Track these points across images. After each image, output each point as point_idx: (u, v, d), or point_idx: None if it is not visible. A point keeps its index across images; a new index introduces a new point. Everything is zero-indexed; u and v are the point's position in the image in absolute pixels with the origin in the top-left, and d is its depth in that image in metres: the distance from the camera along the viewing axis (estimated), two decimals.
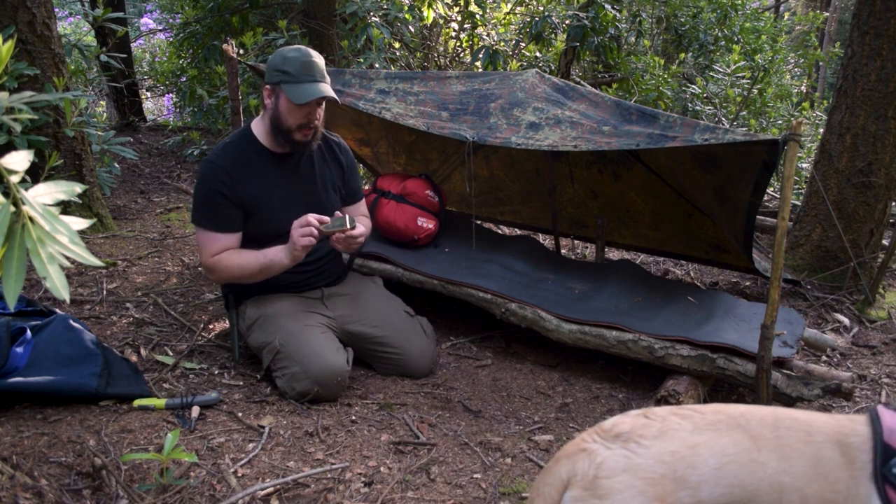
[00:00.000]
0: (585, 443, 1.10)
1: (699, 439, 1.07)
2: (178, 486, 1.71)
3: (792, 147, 2.11)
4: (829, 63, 10.43)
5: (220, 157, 2.32)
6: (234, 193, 2.29)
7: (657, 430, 1.08)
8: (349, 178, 2.58)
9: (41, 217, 0.86)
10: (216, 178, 2.28)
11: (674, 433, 1.08)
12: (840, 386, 2.23)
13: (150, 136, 6.58)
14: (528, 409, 2.39)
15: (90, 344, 2.18)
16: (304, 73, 2.21)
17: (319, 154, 2.48)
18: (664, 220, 3.42)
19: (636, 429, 1.09)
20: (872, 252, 3.60)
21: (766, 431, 1.08)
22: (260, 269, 2.28)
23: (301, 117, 2.25)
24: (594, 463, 1.06)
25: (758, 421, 1.10)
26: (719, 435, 1.08)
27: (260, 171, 2.34)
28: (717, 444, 1.06)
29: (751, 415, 1.11)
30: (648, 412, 1.13)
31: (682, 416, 1.11)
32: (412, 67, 6.07)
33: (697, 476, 1.04)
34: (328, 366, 2.22)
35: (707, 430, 1.08)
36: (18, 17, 3.25)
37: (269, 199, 2.34)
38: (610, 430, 1.10)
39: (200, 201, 2.30)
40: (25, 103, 0.98)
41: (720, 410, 1.12)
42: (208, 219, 2.29)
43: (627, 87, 6.09)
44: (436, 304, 3.11)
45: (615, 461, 1.05)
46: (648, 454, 1.05)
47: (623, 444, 1.07)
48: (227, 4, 5.56)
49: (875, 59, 3.42)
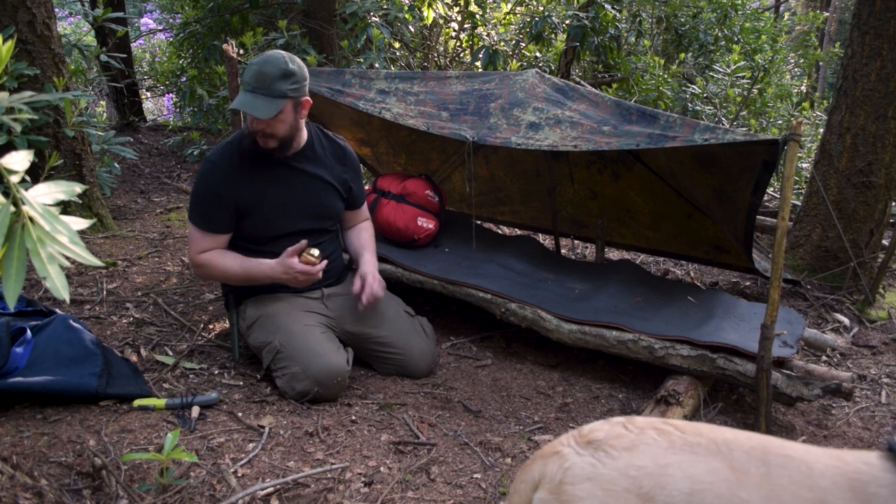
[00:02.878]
0: (561, 445, 1.09)
1: (672, 459, 1.01)
2: (178, 486, 1.71)
3: (792, 147, 2.11)
4: (829, 63, 10.43)
5: (218, 156, 2.34)
6: (231, 194, 2.30)
7: (629, 442, 1.04)
8: (353, 184, 2.57)
9: (41, 217, 0.86)
10: (213, 178, 2.30)
11: (646, 447, 1.03)
12: (840, 386, 2.24)
13: (150, 136, 6.59)
14: (528, 409, 2.39)
15: (90, 344, 2.18)
16: (248, 80, 2.20)
17: (323, 156, 2.47)
18: (664, 220, 3.42)
19: (609, 438, 1.05)
20: (872, 252, 3.60)
21: (752, 466, 0.98)
22: (244, 277, 2.32)
23: (252, 124, 2.25)
24: (562, 467, 1.05)
25: (743, 452, 1.00)
26: (695, 458, 1.00)
27: (258, 172, 2.34)
28: (691, 468, 0.99)
29: (736, 443, 1.01)
30: (630, 421, 1.09)
31: (660, 431, 1.05)
32: (412, 67, 6.07)
33: (665, 497, 0.97)
34: (328, 366, 2.22)
35: (682, 451, 1.01)
36: (18, 17, 3.25)
37: (266, 200, 2.34)
38: (586, 435, 1.08)
39: (196, 199, 2.34)
40: (25, 103, 0.98)
41: (701, 433, 1.04)
42: (201, 217, 2.32)
43: (627, 87, 6.09)
44: (436, 304, 3.11)
45: (581, 468, 1.03)
46: (615, 465, 1.01)
47: (593, 451, 1.04)
48: (227, 4, 5.56)
49: (875, 59, 3.41)
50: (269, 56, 2.21)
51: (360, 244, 2.62)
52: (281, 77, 2.18)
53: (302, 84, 2.25)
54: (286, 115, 2.24)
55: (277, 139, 2.27)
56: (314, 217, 2.44)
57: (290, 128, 2.28)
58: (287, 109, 2.23)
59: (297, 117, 2.29)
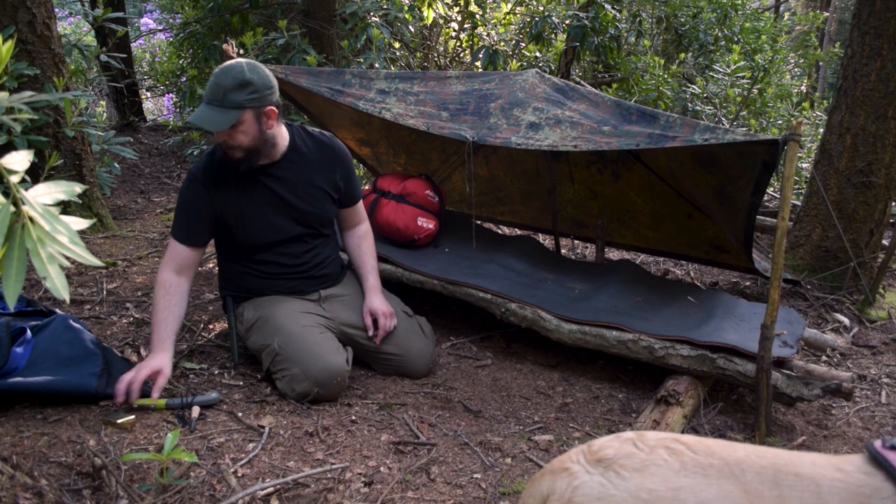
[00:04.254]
0: (570, 462, 1.07)
1: (684, 482, 0.98)
2: (178, 486, 1.71)
3: (792, 147, 2.11)
4: (829, 63, 10.43)
5: (199, 169, 2.33)
6: (209, 207, 2.30)
7: (639, 463, 1.01)
8: (344, 181, 2.52)
9: (41, 217, 0.86)
10: (192, 192, 2.31)
11: (657, 469, 1.00)
12: (840, 386, 2.24)
13: (150, 136, 6.59)
14: (528, 409, 2.39)
15: (90, 344, 2.18)
16: (205, 92, 2.17)
17: (309, 160, 2.42)
18: (664, 220, 3.42)
19: (619, 457, 1.03)
20: (872, 252, 3.60)
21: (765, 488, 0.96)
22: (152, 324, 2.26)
23: (216, 136, 2.23)
24: (571, 485, 1.03)
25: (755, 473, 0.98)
26: (708, 482, 0.98)
27: (237, 184, 2.32)
28: (704, 492, 0.97)
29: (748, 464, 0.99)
30: (641, 438, 1.07)
31: (672, 451, 1.02)
32: (412, 67, 6.07)
33: None
34: (328, 366, 2.22)
35: (695, 473, 0.99)
36: (18, 17, 3.25)
37: (248, 211, 2.33)
38: (596, 452, 1.06)
39: (176, 210, 2.35)
40: (25, 103, 0.98)
41: (713, 453, 1.01)
42: (176, 225, 2.34)
43: (627, 87, 6.09)
44: (436, 304, 3.11)
45: (591, 488, 1.02)
46: (625, 487, 0.99)
47: (603, 470, 1.03)
48: (227, 4, 5.56)
49: (875, 59, 3.41)
50: (227, 67, 2.16)
51: (361, 260, 2.61)
52: (236, 87, 2.12)
53: (264, 93, 2.17)
54: (246, 125, 2.17)
55: (242, 150, 2.21)
56: (302, 224, 2.42)
57: (254, 139, 2.21)
58: (246, 119, 2.16)
59: (261, 127, 2.20)
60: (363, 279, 2.58)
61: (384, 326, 2.46)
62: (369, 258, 2.62)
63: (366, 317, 2.47)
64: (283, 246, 2.39)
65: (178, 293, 2.28)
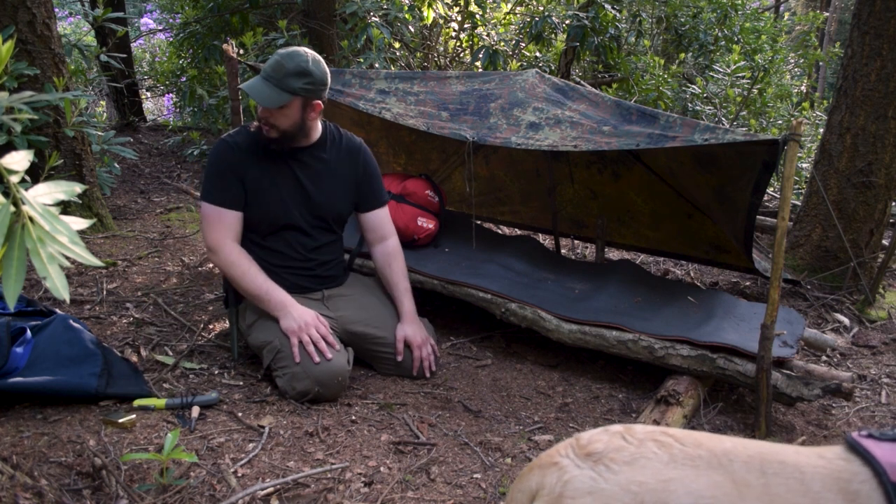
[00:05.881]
0: (559, 456, 1.07)
1: (673, 474, 0.99)
2: (178, 486, 1.71)
3: (792, 147, 2.11)
4: (829, 63, 10.44)
5: (235, 136, 2.38)
6: (241, 172, 2.32)
7: (629, 456, 1.02)
8: (365, 184, 2.53)
9: (41, 217, 0.86)
10: (226, 155, 2.33)
11: (647, 462, 1.01)
12: (840, 386, 2.24)
13: (150, 136, 6.59)
14: (528, 409, 2.39)
15: (90, 344, 2.18)
16: (265, 67, 2.24)
17: (336, 156, 2.47)
18: (664, 220, 3.42)
19: (609, 450, 1.03)
20: (872, 252, 3.60)
21: (752, 477, 0.98)
22: (255, 294, 2.31)
23: (259, 110, 2.28)
24: (561, 480, 1.03)
25: (742, 463, 1.00)
26: (697, 473, 0.99)
27: (266, 160, 2.36)
28: (693, 483, 0.98)
29: (735, 454, 1.01)
30: (629, 431, 1.07)
31: (661, 443, 1.03)
32: (412, 67, 6.07)
33: None
34: (329, 365, 2.22)
35: (684, 465, 1.00)
36: (18, 17, 3.25)
37: (268, 189, 2.35)
38: (585, 446, 1.06)
39: (209, 176, 2.34)
40: (25, 103, 0.98)
41: (701, 444, 1.03)
42: (215, 192, 2.32)
43: (627, 87, 6.09)
44: (436, 304, 3.11)
45: (581, 482, 1.01)
46: (616, 480, 1.00)
47: (593, 464, 1.02)
48: (227, 4, 5.56)
49: (875, 59, 3.42)
50: (294, 51, 2.24)
51: (393, 281, 2.56)
52: (296, 73, 2.20)
53: (318, 87, 2.25)
54: (292, 111, 2.25)
55: (278, 131, 2.28)
56: (315, 216, 2.44)
57: (294, 125, 2.28)
58: (294, 105, 2.24)
59: (304, 117, 2.29)
60: (398, 303, 2.55)
61: (418, 357, 2.48)
62: (401, 279, 2.57)
63: (398, 343, 2.47)
64: (291, 232, 2.40)
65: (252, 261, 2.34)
